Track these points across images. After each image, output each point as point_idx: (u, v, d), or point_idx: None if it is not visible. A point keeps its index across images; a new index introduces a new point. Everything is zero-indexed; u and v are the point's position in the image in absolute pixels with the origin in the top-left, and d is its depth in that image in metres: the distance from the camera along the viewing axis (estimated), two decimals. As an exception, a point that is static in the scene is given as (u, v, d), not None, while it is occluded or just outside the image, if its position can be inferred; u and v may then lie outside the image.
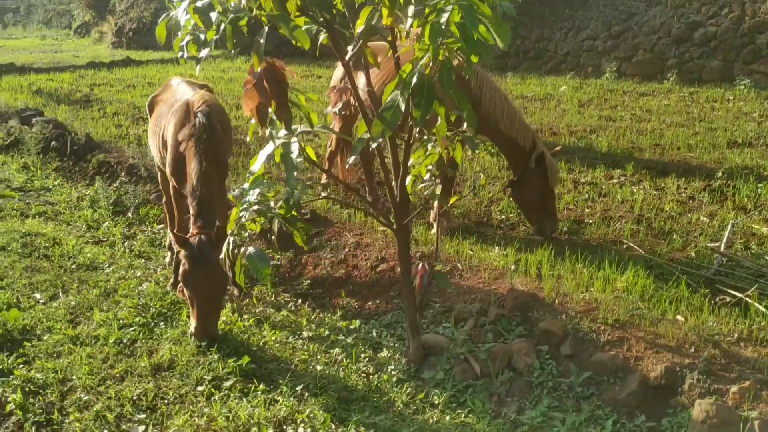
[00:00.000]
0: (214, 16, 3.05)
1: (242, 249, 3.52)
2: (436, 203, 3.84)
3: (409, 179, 3.85)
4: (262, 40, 3.10)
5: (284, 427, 3.47)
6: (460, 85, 4.34)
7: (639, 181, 7.15)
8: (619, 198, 6.68)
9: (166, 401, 3.73)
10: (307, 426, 3.42)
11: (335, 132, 3.67)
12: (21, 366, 4.10)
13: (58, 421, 3.60)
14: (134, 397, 3.74)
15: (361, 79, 6.12)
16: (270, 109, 3.21)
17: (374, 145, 3.22)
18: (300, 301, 5.06)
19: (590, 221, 6.12)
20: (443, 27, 2.84)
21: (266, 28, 3.05)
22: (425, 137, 3.78)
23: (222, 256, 3.76)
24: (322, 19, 3.38)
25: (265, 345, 4.41)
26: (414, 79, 3.06)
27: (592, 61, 14.66)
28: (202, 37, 3.19)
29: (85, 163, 8.76)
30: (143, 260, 6.04)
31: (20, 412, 3.64)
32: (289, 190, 3.32)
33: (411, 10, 3.11)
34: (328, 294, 5.17)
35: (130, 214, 7.24)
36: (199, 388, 3.82)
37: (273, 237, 3.61)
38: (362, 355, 4.22)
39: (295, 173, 3.29)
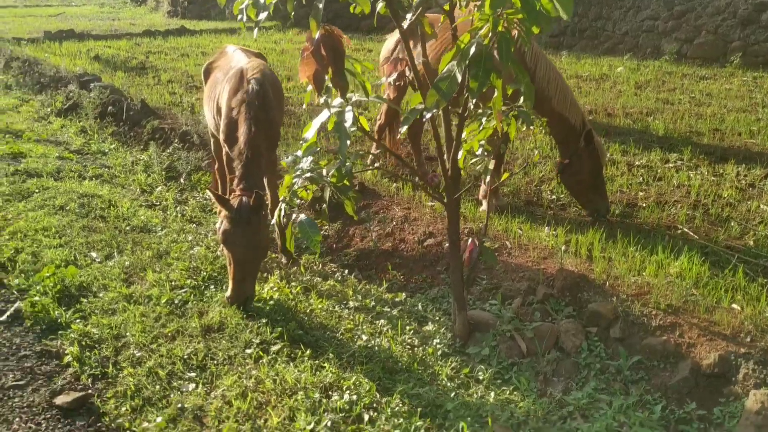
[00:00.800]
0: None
1: (293, 216, 3.55)
2: (487, 178, 3.79)
3: (460, 153, 3.81)
4: (320, 5, 3.09)
5: (330, 392, 3.51)
6: (517, 58, 4.25)
7: (696, 167, 6.94)
8: (674, 182, 6.51)
9: (215, 362, 3.81)
10: (352, 393, 3.45)
11: (389, 102, 3.64)
12: (78, 320, 4.25)
13: (112, 375, 3.71)
14: (185, 356, 3.83)
15: (415, 50, 6.08)
16: (326, 77, 3.20)
17: (428, 116, 3.18)
18: (347, 271, 5.09)
19: (644, 205, 5.98)
20: (505, -3, 2.77)
21: (326, -6, 3.03)
22: (480, 111, 3.73)
23: (273, 222, 3.80)
24: (382, -14, 3.34)
25: (312, 312, 4.45)
26: (472, 50, 3.00)
27: (651, 41, 14.22)
28: (262, 0, 3.20)
29: (140, 128, 8.93)
30: (194, 225, 6.15)
31: (77, 364, 3.77)
32: (341, 158, 3.32)
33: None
34: (374, 266, 5.18)
35: (182, 180, 7.37)
36: (248, 351, 3.89)
37: (324, 206, 3.61)
38: (407, 328, 4.23)
39: (348, 142, 3.29)
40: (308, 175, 3.32)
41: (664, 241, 4.94)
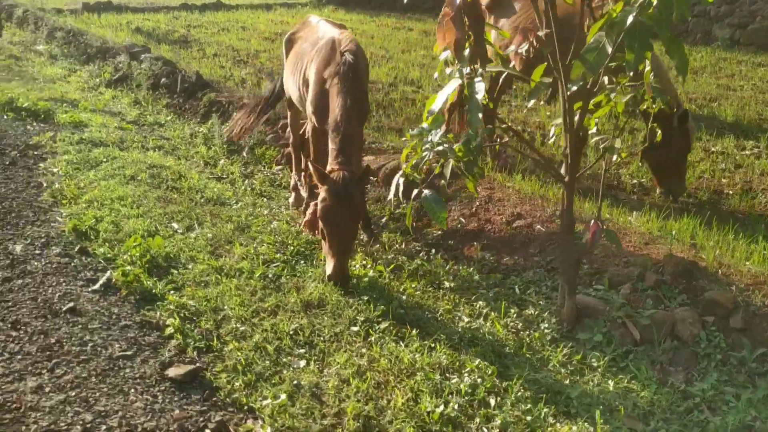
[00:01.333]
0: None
1: (415, 191, 3.43)
2: (613, 158, 3.63)
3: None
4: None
5: (447, 374, 3.39)
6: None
7: (777, 154, 6.73)
8: (757, 170, 6.30)
9: (322, 338, 3.70)
10: (475, 376, 3.33)
11: (516, 73, 3.47)
12: (172, 292, 4.15)
13: (217, 349, 3.62)
14: (290, 332, 3.72)
15: (498, 23, 5.87)
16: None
17: (575, 89, 3.02)
18: (433, 251, 4.96)
19: (730, 192, 5.80)
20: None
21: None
22: (608, 86, 3.56)
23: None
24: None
25: (405, 291, 4.33)
26: (630, 19, 2.83)
27: (702, 27, 13.86)
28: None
29: (195, 101, 8.82)
30: (265, 199, 6.05)
31: (180, 336, 3.68)
32: (471, 132, 3.18)
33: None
34: (460, 245, 5.05)
35: (244, 154, 7.26)
36: (353, 328, 3.78)
37: (443, 182, 3.47)
38: (511, 311, 4.09)
39: (480, 115, 3.14)
40: (439, 148, 3.18)
41: (766, 230, 4.77)
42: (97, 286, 4.16)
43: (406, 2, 20.56)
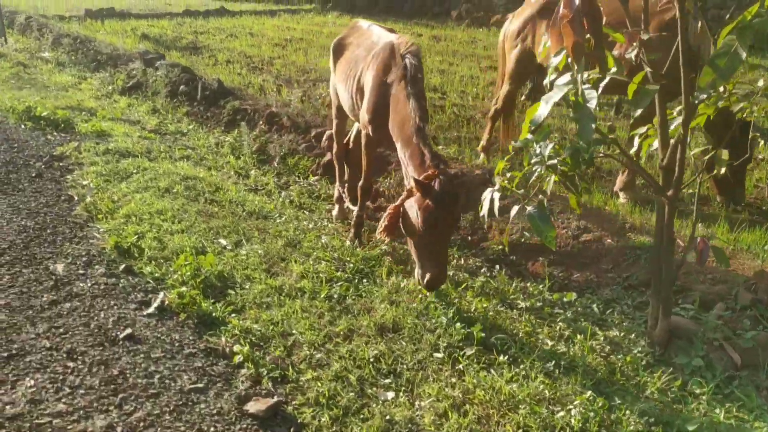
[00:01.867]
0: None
1: (515, 208, 3.17)
2: (722, 170, 3.38)
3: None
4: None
5: (551, 407, 3.12)
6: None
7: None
8: (813, 180, 6.09)
9: (405, 366, 3.43)
10: (587, 409, 3.06)
11: (625, 79, 3.21)
12: (233, 315, 3.86)
13: (293, 378, 3.33)
14: (371, 359, 3.44)
15: (539, 29, 5.62)
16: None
17: (703, 97, 2.78)
18: (497, 267, 4.70)
19: (792, 201, 5.59)
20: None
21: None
22: (713, 93, 3.31)
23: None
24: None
25: (476, 311, 4.06)
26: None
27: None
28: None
29: (217, 108, 8.54)
30: (306, 212, 5.77)
31: (251, 365, 3.39)
32: (582, 143, 2.92)
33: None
34: (523, 261, 4.79)
35: (275, 164, 6.98)
36: (437, 355, 3.50)
37: (543, 199, 3.21)
38: (599, 333, 3.83)
39: (593, 126, 2.89)
40: (550, 162, 2.92)
41: None
42: (151, 310, 3.87)
43: (410, 8, 20.41)
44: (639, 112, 3.13)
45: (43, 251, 4.48)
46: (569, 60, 2.75)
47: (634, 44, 3.13)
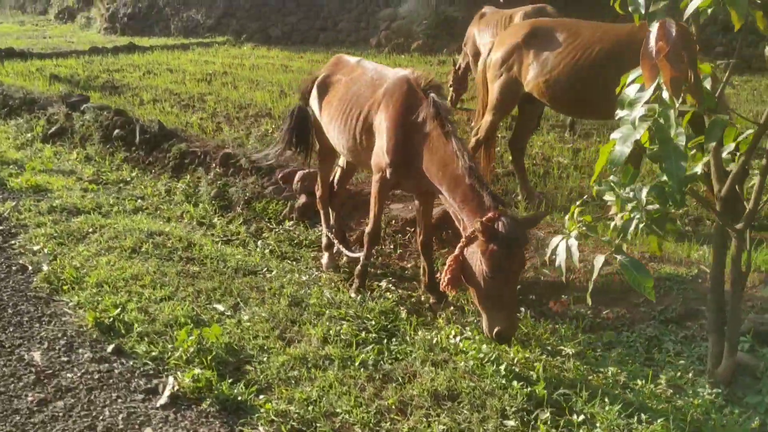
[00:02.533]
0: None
1: (599, 257, 2.89)
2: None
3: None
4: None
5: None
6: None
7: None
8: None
9: (480, 441, 3.04)
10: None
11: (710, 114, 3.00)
12: (260, 396, 3.35)
13: (357, 469, 2.88)
14: (440, 437, 3.04)
15: (541, 57, 5.43)
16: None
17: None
18: (521, 309, 4.40)
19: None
20: None
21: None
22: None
23: None
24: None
25: (518, 362, 3.74)
26: None
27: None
28: None
29: (160, 153, 7.87)
30: (293, 262, 5.29)
31: (304, 458, 2.91)
32: (673, 184, 2.67)
33: None
34: (544, 299, 4.53)
35: (239, 209, 6.45)
36: (509, 423, 3.14)
37: (618, 242, 2.95)
38: (661, 377, 3.59)
39: (684, 164, 2.66)
40: (650, 207, 2.66)
41: None
42: (163, 400, 3.30)
43: (325, 39, 20.13)
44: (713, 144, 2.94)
45: (10, 337, 3.79)
46: (664, 94, 2.51)
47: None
